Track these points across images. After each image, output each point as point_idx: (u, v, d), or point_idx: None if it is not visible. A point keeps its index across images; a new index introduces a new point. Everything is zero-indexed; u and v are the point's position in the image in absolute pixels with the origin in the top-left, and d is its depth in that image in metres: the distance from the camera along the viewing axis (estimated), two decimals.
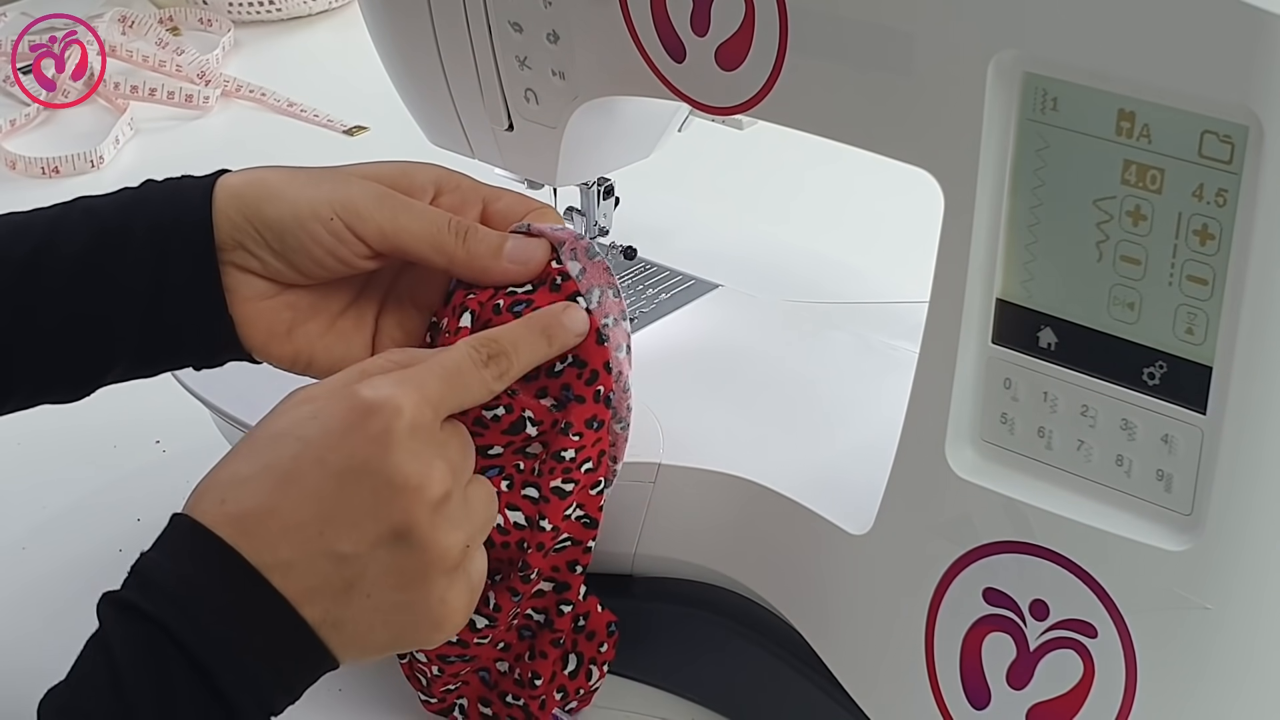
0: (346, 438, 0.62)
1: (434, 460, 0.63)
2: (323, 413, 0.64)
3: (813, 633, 0.76)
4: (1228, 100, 0.57)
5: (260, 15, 1.59)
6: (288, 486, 0.62)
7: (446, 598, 0.64)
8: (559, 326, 0.71)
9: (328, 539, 0.62)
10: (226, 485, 0.63)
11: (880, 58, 0.66)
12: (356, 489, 0.62)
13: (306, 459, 0.62)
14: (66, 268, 0.72)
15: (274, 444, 0.63)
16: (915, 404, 0.69)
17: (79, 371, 0.74)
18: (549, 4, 0.77)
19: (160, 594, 0.61)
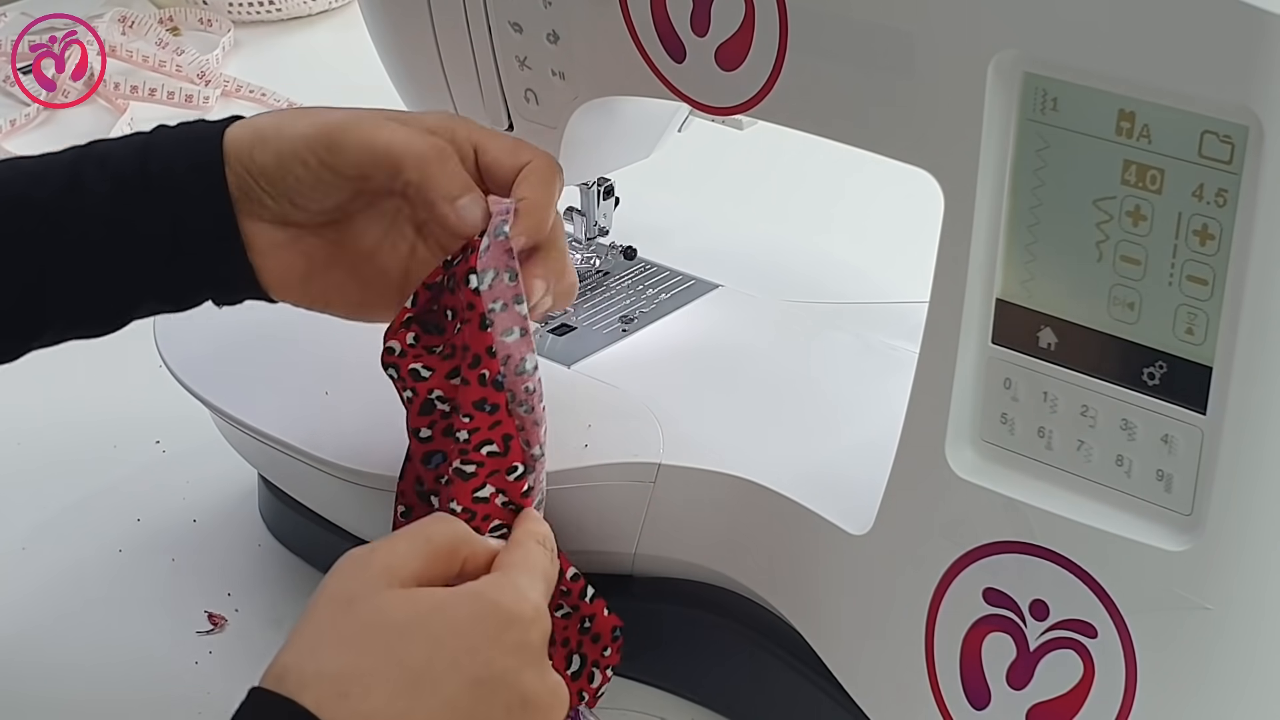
0: (484, 646, 0.60)
1: (558, 678, 0.62)
2: (451, 611, 0.60)
3: (813, 633, 0.76)
4: (1228, 100, 0.57)
5: (260, 15, 1.59)
6: (420, 690, 0.58)
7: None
8: None
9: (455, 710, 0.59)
10: (348, 678, 0.57)
11: (880, 58, 0.66)
12: (492, 701, 0.59)
13: (440, 662, 0.59)
14: (91, 213, 0.73)
15: (401, 639, 0.59)
16: (915, 404, 0.69)
17: (109, 307, 0.75)
18: (549, 4, 0.77)
19: None
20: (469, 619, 0.60)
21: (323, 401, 0.84)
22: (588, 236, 0.93)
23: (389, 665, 0.58)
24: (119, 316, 0.77)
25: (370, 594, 0.59)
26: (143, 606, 0.91)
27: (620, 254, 0.94)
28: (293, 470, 0.86)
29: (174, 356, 0.89)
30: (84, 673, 0.87)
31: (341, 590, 0.60)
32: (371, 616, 0.59)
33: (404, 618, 0.59)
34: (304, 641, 0.59)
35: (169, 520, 0.97)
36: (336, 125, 0.72)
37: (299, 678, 0.57)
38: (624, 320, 0.90)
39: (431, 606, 0.60)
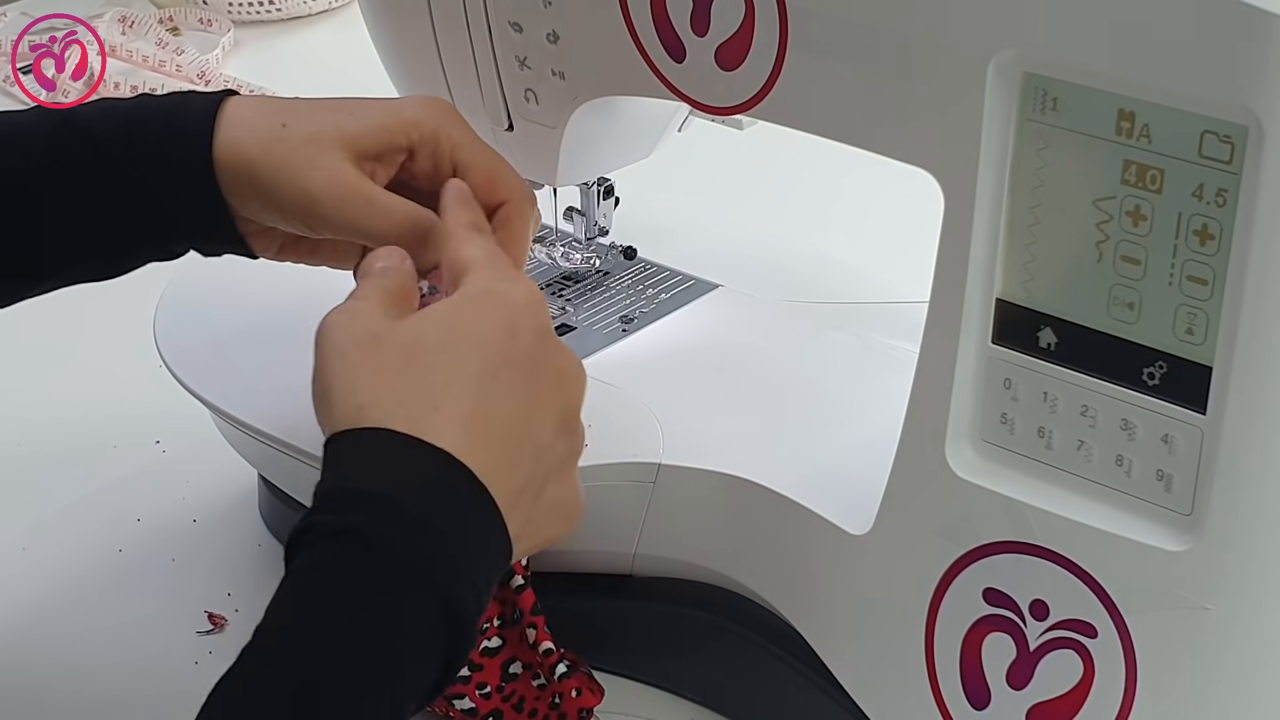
0: (517, 336, 0.62)
1: (570, 352, 0.65)
2: (470, 315, 0.63)
3: (813, 633, 0.76)
4: (1228, 100, 0.57)
5: (260, 15, 1.59)
6: (490, 386, 0.61)
7: (576, 487, 0.65)
8: None
9: (532, 432, 0.62)
10: (431, 394, 0.60)
11: (880, 58, 0.66)
12: (541, 378, 0.63)
13: (493, 359, 0.61)
14: (91, 144, 0.73)
15: (446, 352, 0.61)
16: (915, 404, 0.69)
17: (111, 246, 0.75)
18: (549, 4, 0.77)
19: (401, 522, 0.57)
20: (489, 316, 0.62)
21: None
22: (588, 236, 0.93)
23: (454, 376, 0.60)
24: (121, 260, 0.76)
25: (387, 329, 0.62)
26: (143, 606, 0.91)
27: (620, 254, 0.94)
28: (293, 470, 0.86)
29: (174, 356, 0.89)
30: (84, 673, 0.87)
31: (356, 334, 0.61)
32: (409, 344, 0.61)
33: (438, 335, 0.61)
34: (359, 384, 0.60)
35: (169, 520, 0.97)
36: (271, 164, 0.72)
37: (379, 412, 0.59)
38: (624, 320, 0.90)
39: (452, 319, 0.62)
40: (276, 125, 0.73)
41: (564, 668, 0.78)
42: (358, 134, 0.73)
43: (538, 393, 0.62)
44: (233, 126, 0.73)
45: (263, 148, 0.72)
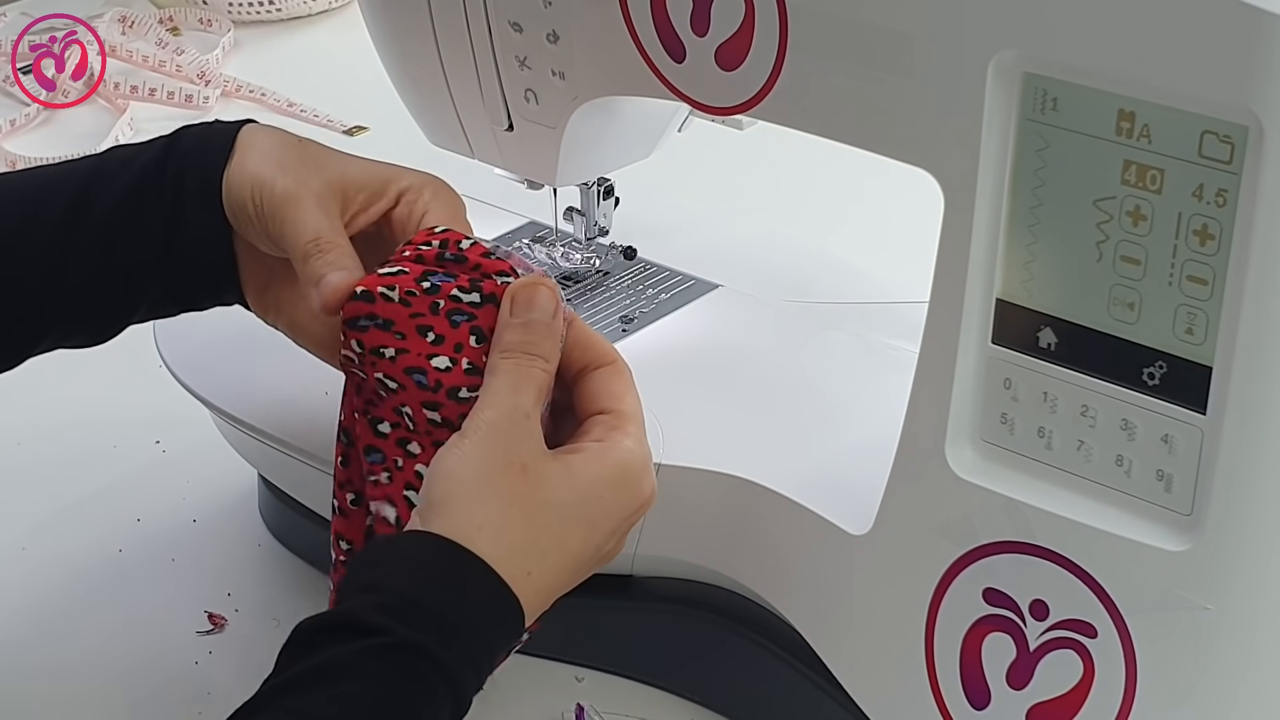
0: (621, 525, 0.68)
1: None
2: (604, 495, 0.67)
3: (813, 633, 0.76)
4: (1228, 100, 0.57)
5: (260, 15, 1.59)
6: (575, 569, 0.67)
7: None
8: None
9: (582, 577, 0.68)
10: (530, 555, 0.65)
11: (880, 58, 0.66)
12: (601, 558, 0.69)
13: (590, 547, 0.67)
14: (98, 223, 0.75)
15: (565, 522, 0.66)
16: (915, 404, 0.69)
17: (107, 316, 0.77)
18: (549, 4, 0.77)
19: (445, 633, 0.62)
20: (615, 503, 0.68)
21: (323, 401, 0.84)
22: (588, 236, 0.93)
23: (557, 548, 0.66)
24: (116, 323, 0.78)
25: (538, 463, 0.66)
26: (143, 606, 0.91)
27: (620, 254, 0.94)
28: (293, 470, 0.86)
29: (174, 356, 0.89)
30: (84, 673, 0.87)
31: (514, 457, 0.66)
32: (544, 494, 0.66)
33: (569, 499, 0.66)
34: (489, 509, 0.65)
35: (169, 520, 0.97)
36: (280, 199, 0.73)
37: (495, 551, 0.64)
38: (624, 320, 0.90)
39: (588, 488, 0.67)
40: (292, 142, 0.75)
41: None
42: (358, 177, 0.76)
43: (603, 557, 0.69)
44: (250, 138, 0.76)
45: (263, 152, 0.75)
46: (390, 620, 0.61)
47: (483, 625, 0.63)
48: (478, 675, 0.63)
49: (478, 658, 0.63)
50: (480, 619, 0.63)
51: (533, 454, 0.66)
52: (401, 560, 0.64)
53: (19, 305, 0.75)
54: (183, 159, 0.76)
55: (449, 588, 0.63)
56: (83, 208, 0.75)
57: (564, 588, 0.68)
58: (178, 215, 0.75)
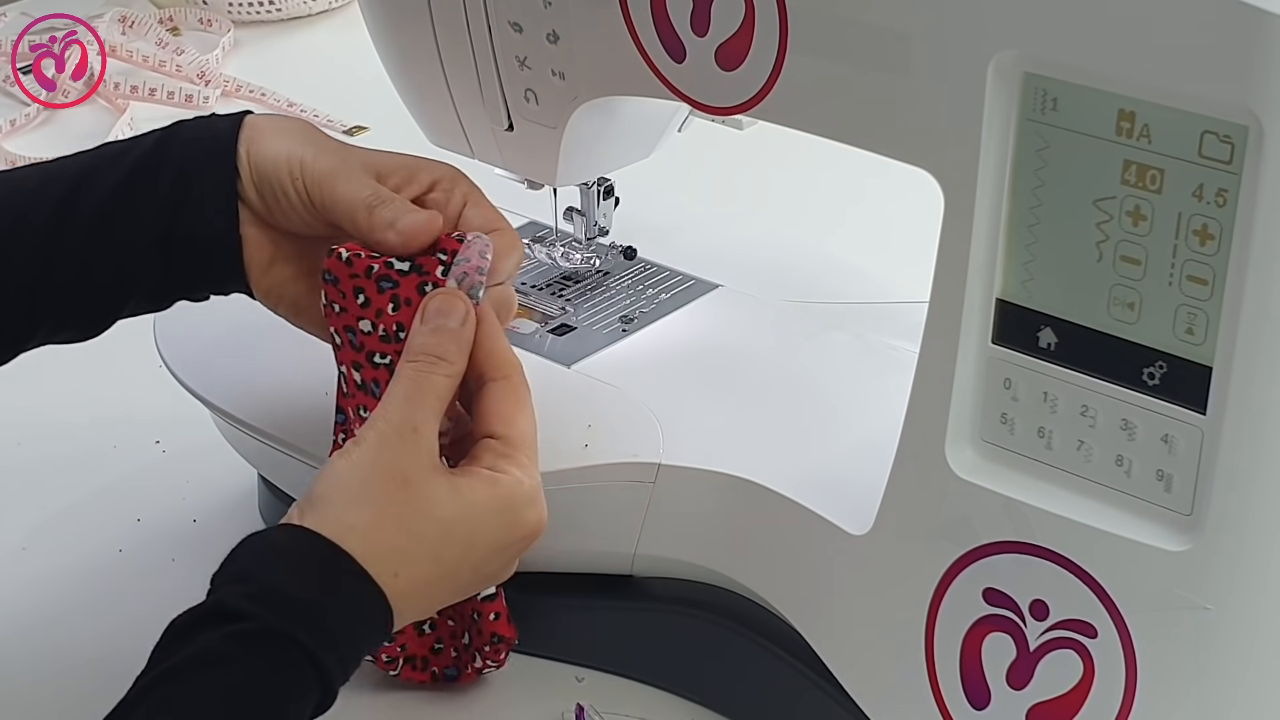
0: (501, 551, 0.70)
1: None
2: (484, 518, 0.69)
3: (813, 633, 0.76)
4: (1228, 100, 0.57)
5: (260, 15, 1.59)
6: (445, 581, 0.69)
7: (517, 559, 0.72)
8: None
9: (460, 594, 0.71)
10: (399, 560, 0.67)
11: (880, 58, 0.66)
12: (482, 583, 0.74)
13: (467, 563, 0.69)
14: (86, 222, 0.76)
15: (443, 536, 0.68)
16: (915, 404, 0.69)
17: (97, 312, 0.78)
18: (549, 4, 0.77)
19: (314, 626, 0.64)
20: (496, 526, 0.69)
21: (323, 401, 0.84)
22: (588, 236, 0.93)
23: (429, 557, 0.68)
24: (106, 319, 0.79)
25: (422, 478, 0.68)
26: (143, 606, 0.91)
27: (620, 254, 0.94)
28: (293, 470, 0.86)
29: (174, 356, 0.89)
30: (84, 673, 0.87)
31: (397, 470, 0.68)
32: (424, 506, 0.68)
33: (449, 515, 0.68)
34: (363, 511, 0.67)
35: (169, 520, 0.97)
36: (311, 176, 0.75)
37: (364, 549, 0.66)
38: (624, 320, 0.90)
39: (471, 510, 0.69)
40: (281, 125, 0.77)
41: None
42: (378, 162, 0.77)
43: (483, 578, 0.72)
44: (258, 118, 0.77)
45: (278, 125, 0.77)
46: (258, 608, 0.63)
47: (349, 618, 0.65)
48: (343, 667, 0.65)
49: (343, 650, 0.64)
50: (346, 612, 0.65)
51: (417, 469, 0.68)
52: (271, 552, 0.66)
53: (8, 307, 0.76)
54: (185, 148, 0.76)
55: (316, 580, 0.65)
56: (71, 207, 0.76)
57: (437, 600, 0.70)
58: (180, 204, 0.75)
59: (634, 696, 0.83)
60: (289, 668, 0.63)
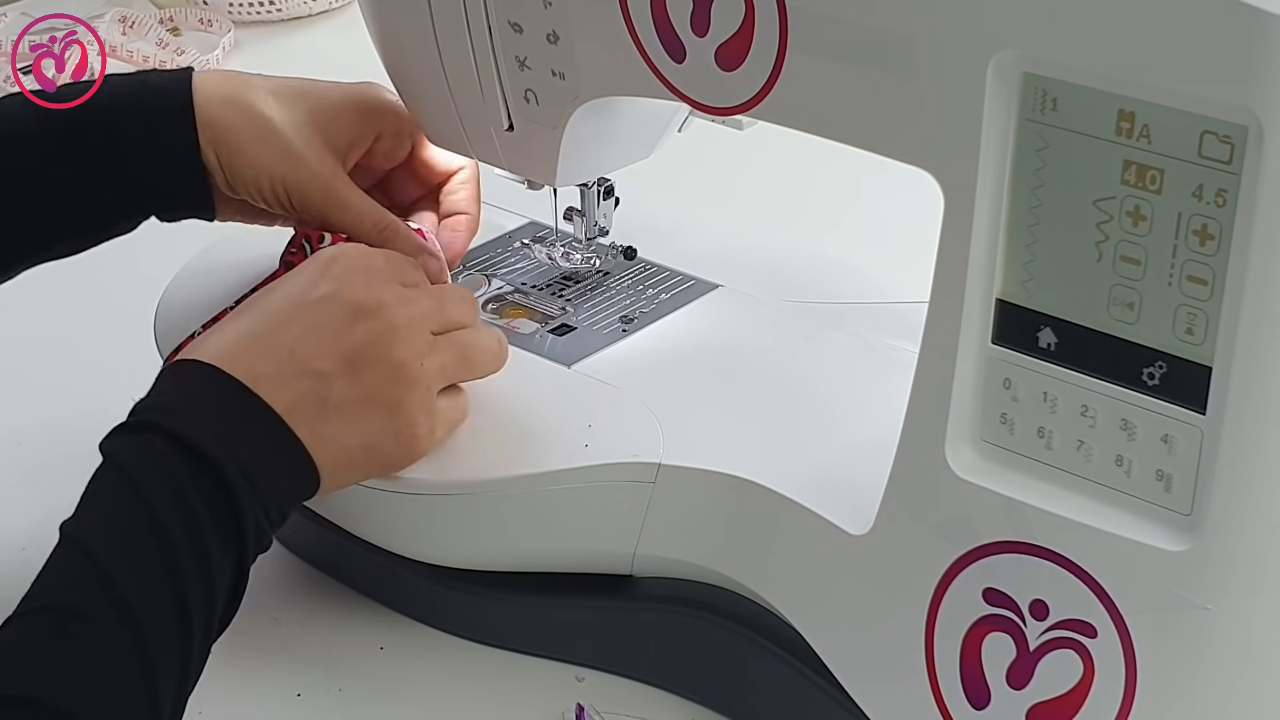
0: (313, 279, 0.75)
1: (385, 289, 0.76)
2: (298, 270, 0.77)
3: (813, 633, 0.76)
4: (1228, 100, 0.57)
5: (260, 15, 1.59)
6: (265, 319, 0.74)
7: (406, 409, 0.75)
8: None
9: (299, 358, 0.73)
10: (210, 335, 0.74)
11: (880, 58, 0.66)
12: (322, 314, 0.74)
13: (278, 298, 0.75)
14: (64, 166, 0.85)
15: (259, 298, 0.76)
16: (915, 404, 0.69)
17: (80, 236, 0.87)
18: (549, 4, 0.77)
19: (153, 411, 0.71)
20: (305, 268, 0.77)
21: None
22: (588, 236, 0.93)
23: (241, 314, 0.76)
24: (86, 243, 0.87)
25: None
26: None
27: (620, 254, 0.94)
28: None
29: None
30: None
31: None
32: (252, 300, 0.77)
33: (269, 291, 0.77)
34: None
35: None
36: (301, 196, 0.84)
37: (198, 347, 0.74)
38: (624, 320, 0.90)
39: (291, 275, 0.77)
40: (259, 116, 0.83)
41: None
42: (335, 127, 0.84)
43: (312, 324, 0.74)
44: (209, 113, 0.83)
45: (252, 127, 0.83)
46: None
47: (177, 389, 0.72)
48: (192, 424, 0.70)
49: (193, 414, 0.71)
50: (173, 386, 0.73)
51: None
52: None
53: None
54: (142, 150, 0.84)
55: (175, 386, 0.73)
56: (59, 120, 0.88)
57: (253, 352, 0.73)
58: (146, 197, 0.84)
59: (634, 696, 0.83)
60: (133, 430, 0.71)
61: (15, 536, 0.96)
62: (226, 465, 0.69)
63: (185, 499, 0.68)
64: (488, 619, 0.85)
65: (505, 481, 0.80)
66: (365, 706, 0.83)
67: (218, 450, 0.69)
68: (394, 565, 0.84)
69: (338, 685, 0.83)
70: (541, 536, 0.81)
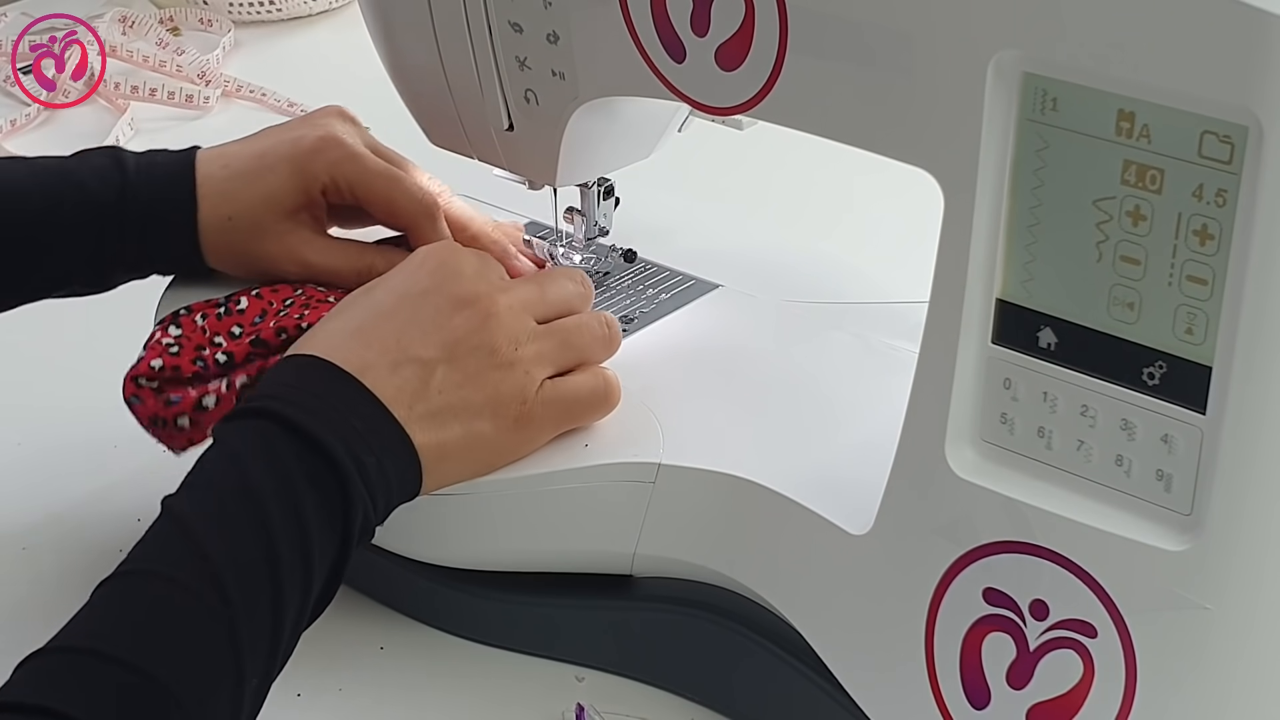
0: (413, 273, 0.78)
1: (481, 280, 0.79)
2: (398, 269, 0.79)
3: (813, 633, 0.76)
4: (1228, 100, 0.57)
5: (260, 15, 1.59)
6: (369, 312, 0.77)
7: (502, 395, 0.77)
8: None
9: (403, 346, 0.75)
10: (315, 331, 0.77)
11: (880, 58, 0.66)
12: (424, 306, 0.77)
13: (381, 294, 0.78)
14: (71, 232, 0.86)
15: (361, 294, 0.79)
16: (915, 404, 0.69)
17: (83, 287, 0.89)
18: (549, 4, 0.77)
19: (264, 399, 0.73)
20: (407, 264, 0.80)
21: None
22: (588, 237, 0.93)
23: (347, 308, 0.78)
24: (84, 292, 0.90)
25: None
26: None
27: (620, 256, 0.94)
28: None
29: None
30: None
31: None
32: (351, 298, 0.79)
33: (368, 289, 0.79)
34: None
35: None
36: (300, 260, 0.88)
37: (308, 342, 0.77)
38: (624, 320, 0.90)
39: (380, 280, 0.80)
40: (224, 219, 0.87)
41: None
42: (283, 200, 0.87)
43: (416, 316, 0.76)
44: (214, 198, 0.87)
45: (227, 240, 0.87)
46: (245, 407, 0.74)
47: (292, 376, 0.75)
48: (306, 411, 0.72)
49: (289, 395, 0.73)
50: (289, 374, 0.75)
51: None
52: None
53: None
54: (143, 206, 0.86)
55: (286, 376, 0.75)
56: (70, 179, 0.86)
57: (359, 339, 0.76)
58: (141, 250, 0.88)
59: (634, 696, 0.83)
60: (243, 416, 0.73)
61: (15, 536, 0.96)
62: (335, 448, 0.71)
63: (292, 483, 0.69)
64: (488, 619, 0.85)
65: (505, 482, 0.80)
66: (365, 706, 0.83)
67: (327, 434, 0.71)
68: (394, 565, 0.84)
69: (338, 685, 0.83)
70: (541, 536, 0.81)
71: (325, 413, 0.72)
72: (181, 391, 0.83)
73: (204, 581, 0.66)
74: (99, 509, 0.98)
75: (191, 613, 0.66)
